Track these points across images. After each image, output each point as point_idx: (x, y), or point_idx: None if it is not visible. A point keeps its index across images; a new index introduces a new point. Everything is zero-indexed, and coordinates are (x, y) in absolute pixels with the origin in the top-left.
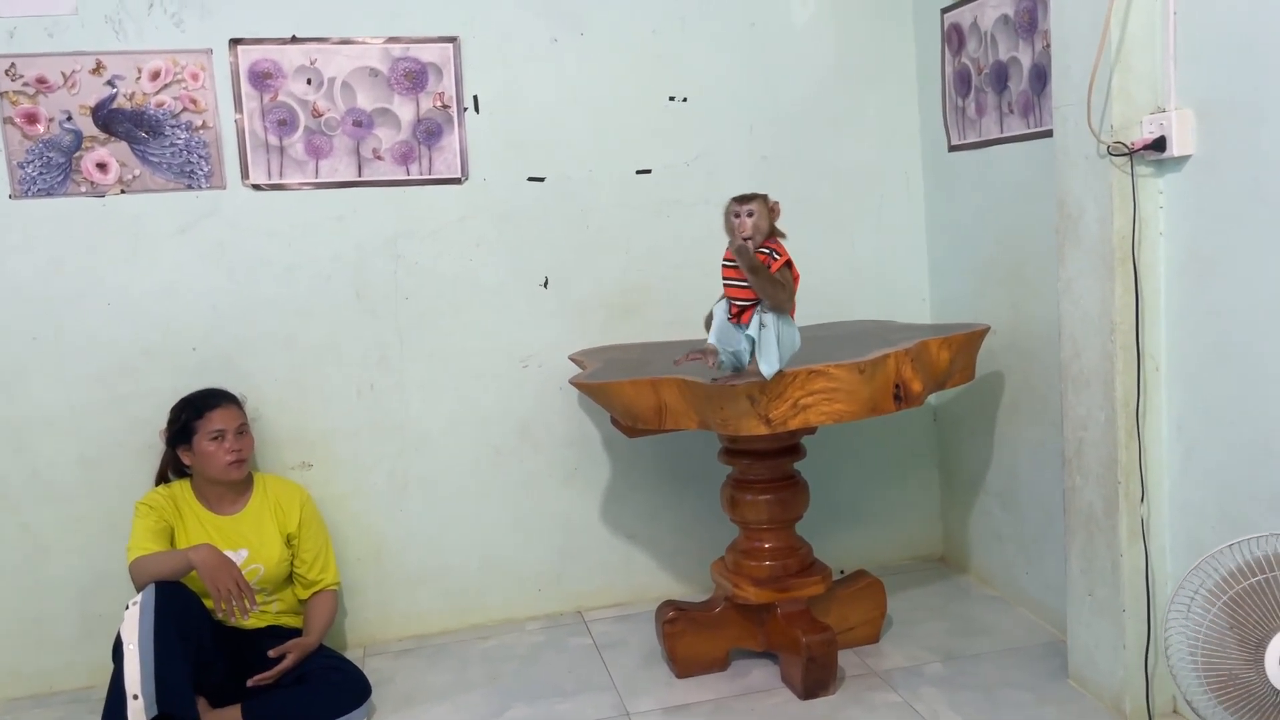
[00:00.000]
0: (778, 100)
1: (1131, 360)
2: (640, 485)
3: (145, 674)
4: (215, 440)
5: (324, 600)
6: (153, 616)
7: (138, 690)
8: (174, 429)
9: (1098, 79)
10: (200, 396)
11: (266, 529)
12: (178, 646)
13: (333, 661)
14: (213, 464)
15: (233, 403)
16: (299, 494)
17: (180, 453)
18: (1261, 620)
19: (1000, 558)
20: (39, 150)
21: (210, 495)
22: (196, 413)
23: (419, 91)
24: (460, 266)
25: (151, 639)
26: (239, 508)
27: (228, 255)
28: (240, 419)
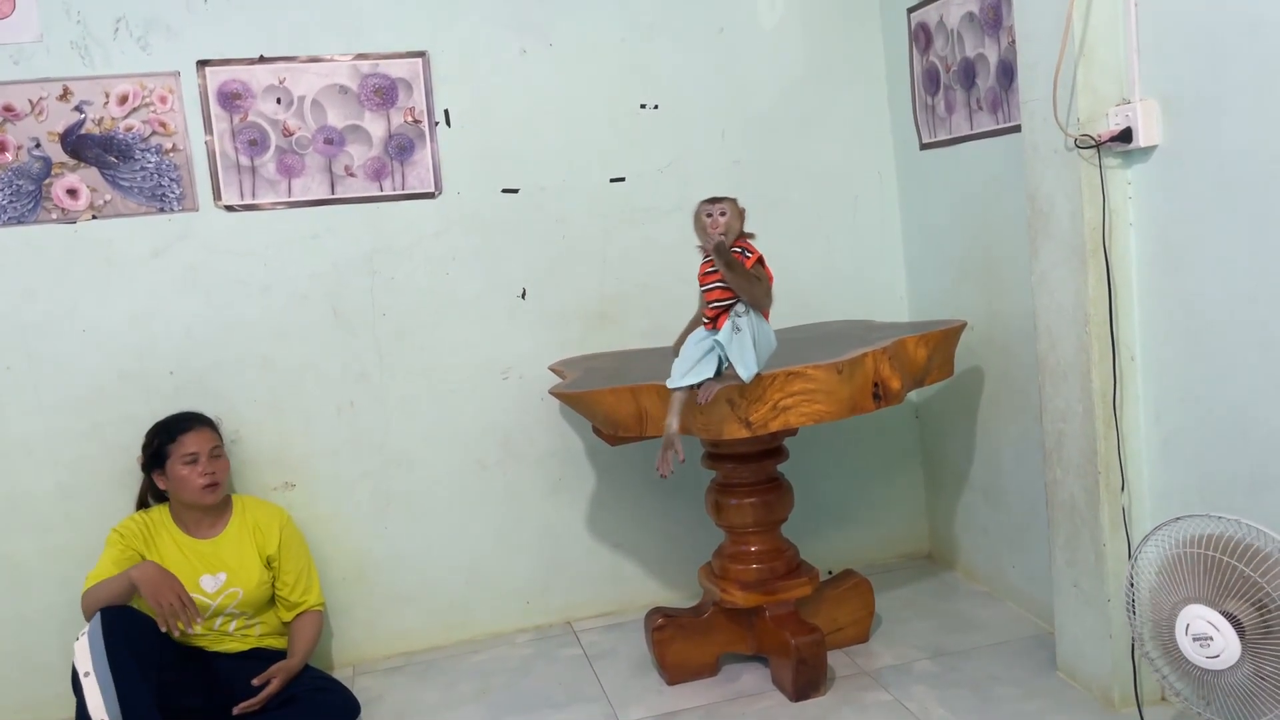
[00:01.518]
0: (749, 104)
1: (1107, 351)
2: (625, 493)
3: (108, 698)
4: (189, 464)
5: (308, 622)
6: (103, 642)
7: (103, 715)
8: (148, 454)
9: (1062, 73)
10: (173, 420)
11: (246, 552)
12: (134, 667)
13: (320, 682)
14: (187, 488)
15: (206, 425)
16: (279, 515)
17: (155, 477)
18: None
19: (986, 552)
20: (8, 178)
21: (188, 519)
22: (169, 437)
23: (389, 107)
24: (437, 280)
25: (106, 664)
26: (217, 531)
27: (202, 277)
28: (214, 441)
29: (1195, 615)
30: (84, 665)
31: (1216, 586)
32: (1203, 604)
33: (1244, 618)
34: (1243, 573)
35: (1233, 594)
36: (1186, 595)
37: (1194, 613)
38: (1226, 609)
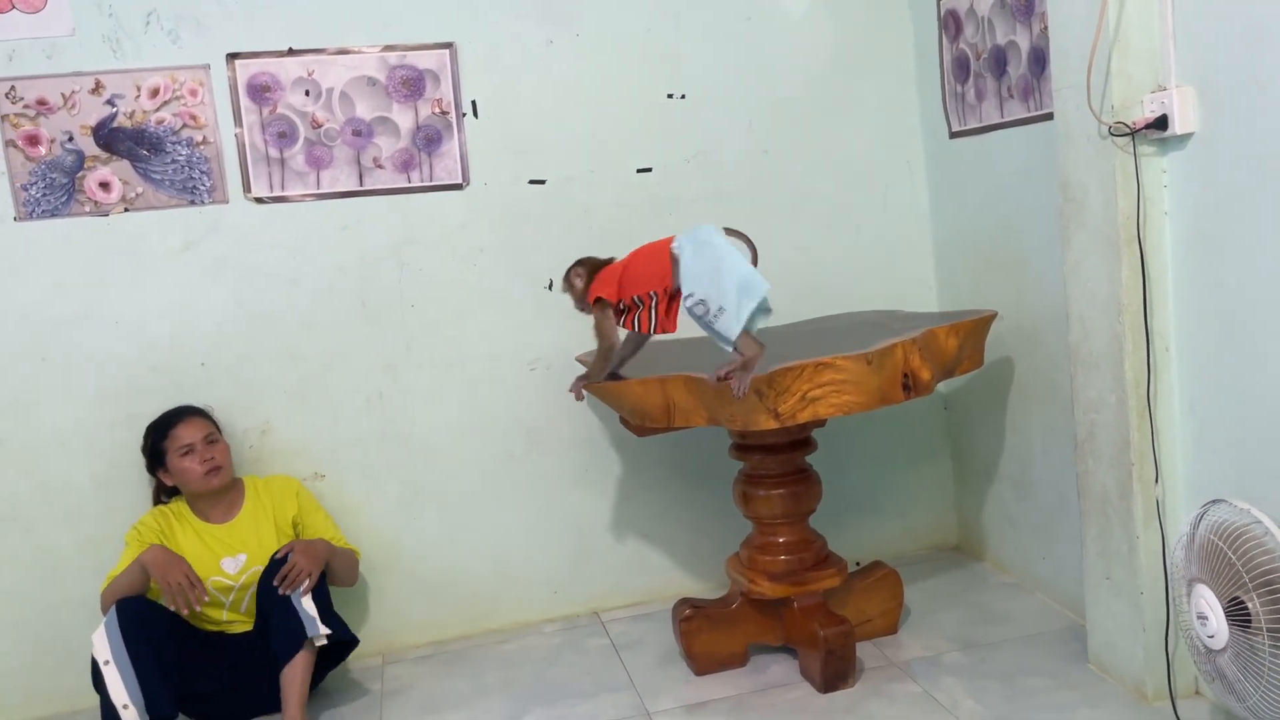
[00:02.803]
0: (776, 93)
1: (1141, 341)
2: (652, 484)
3: (129, 684)
4: (186, 455)
5: (348, 550)
6: (119, 631)
7: (126, 700)
8: (147, 454)
9: (1097, 59)
10: (162, 417)
11: (263, 530)
12: (152, 653)
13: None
14: (190, 477)
15: (196, 414)
16: (291, 484)
17: (160, 475)
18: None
19: (1016, 544)
20: (41, 172)
21: (204, 507)
22: (161, 433)
23: (417, 99)
24: (464, 272)
25: (125, 651)
26: (233, 514)
27: (232, 269)
28: (207, 429)
29: (1199, 595)
30: (103, 655)
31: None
32: (1203, 584)
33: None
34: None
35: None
36: (1195, 575)
37: (1199, 592)
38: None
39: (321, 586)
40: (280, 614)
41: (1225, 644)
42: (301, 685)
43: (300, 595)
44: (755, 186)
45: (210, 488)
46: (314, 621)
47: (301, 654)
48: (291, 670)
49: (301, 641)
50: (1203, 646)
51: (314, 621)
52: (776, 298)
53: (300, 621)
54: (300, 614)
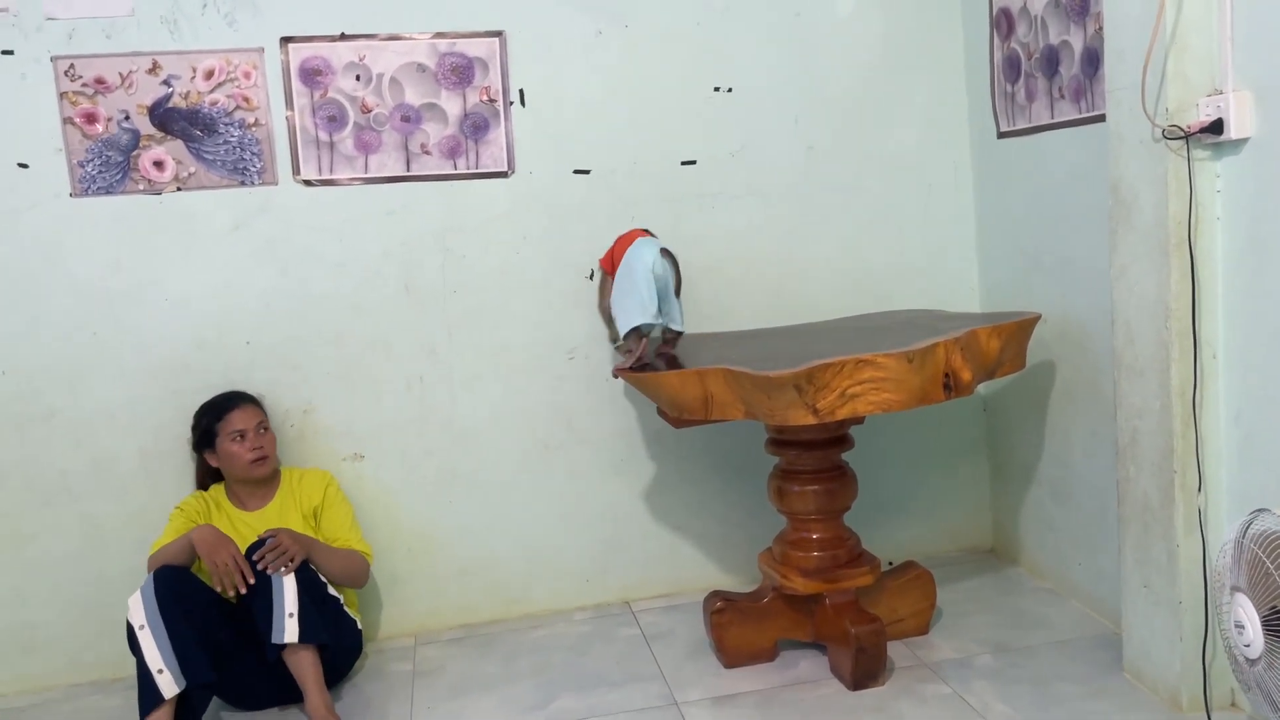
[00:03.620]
0: (823, 89)
1: (1188, 347)
2: (686, 476)
3: (163, 649)
4: (236, 440)
5: (351, 551)
6: (154, 598)
7: (161, 665)
8: (197, 435)
9: (1152, 61)
10: (219, 400)
11: (291, 519)
12: (185, 619)
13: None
14: (237, 463)
15: (250, 402)
16: (323, 478)
17: (206, 456)
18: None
19: (1052, 549)
20: (98, 149)
21: (241, 493)
22: (216, 416)
23: (466, 86)
24: (507, 259)
25: (159, 617)
26: (265, 502)
27: (280, 251)
28: (259, 417)
29: (1238, 604)
30: (138, 619)
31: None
32: (1243, 593)
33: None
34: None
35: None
36: (1236, 583)
37: (1238, 601)
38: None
39: (317, 584)
40: (263, 609)
41: (1261, 653)
42: (314, 671)
43: (283, 578)
44: (799, 183)
45: (254, 475)
46: (285, 625)
47: (292, 648)
48: (294, 659)
49: (277, 646)
50: (1240, 656)
51: (285, 625)
52: (817, 292)
53: (271, 624)
54: (275, 612)
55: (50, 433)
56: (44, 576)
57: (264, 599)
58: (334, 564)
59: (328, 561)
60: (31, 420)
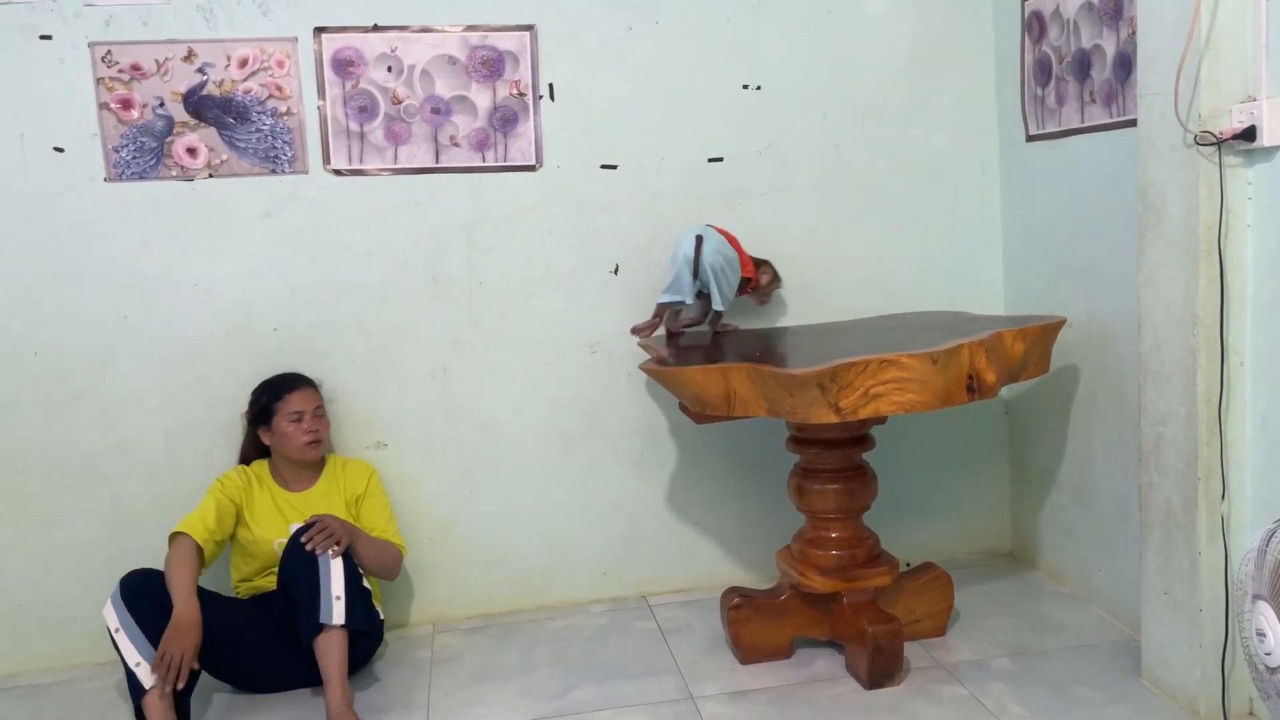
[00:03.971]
0: (852, 88)
1: (1215, 354)
2: (707, 472)
3: (138, 644)
4: (294, 421)
5: (390, 544)
6: (122, 601)
7: (138, 659)
8: (255, 410)
9: (1186, 67)
10: (280, 380)
11: (334, 505)
12: (154, 613)
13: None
14: (291, 444)
15: (310, 386)
16: (367, 468)
17: (260, 433)
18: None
19: (1072, 554)
20: (132, 135)
21: (286, 473)
22: (276, 395)
23: (496, 79)
24: (533, 253)
25: (130, 617)
26: (310, 485)
27: (309, 239)
28: (317, 401)
29: (1260, 612)
30: (113, 624)
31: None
32: (1265, 601)
33: None
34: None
35: None
36: (1258, 591)
37: (1260, 609)
38: None
39: (355, 574)
40: (306, 590)
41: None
42: (340, 660)
43: (330, 561)
44: (826, 181)
45: (306, 458)
46: (333, 607)
47: (329, 633)
48: (325, 647)
49: (319, 626)
50: (1260, 664)
51: (333, 607)
52: (841, 291)
53: (318, 605)
54: (323, 593)
55: (79, 414)
56: (69, 556)
57: (309, 581)
58: (372, 554)
59: (367, 551)
60: (61, 401)
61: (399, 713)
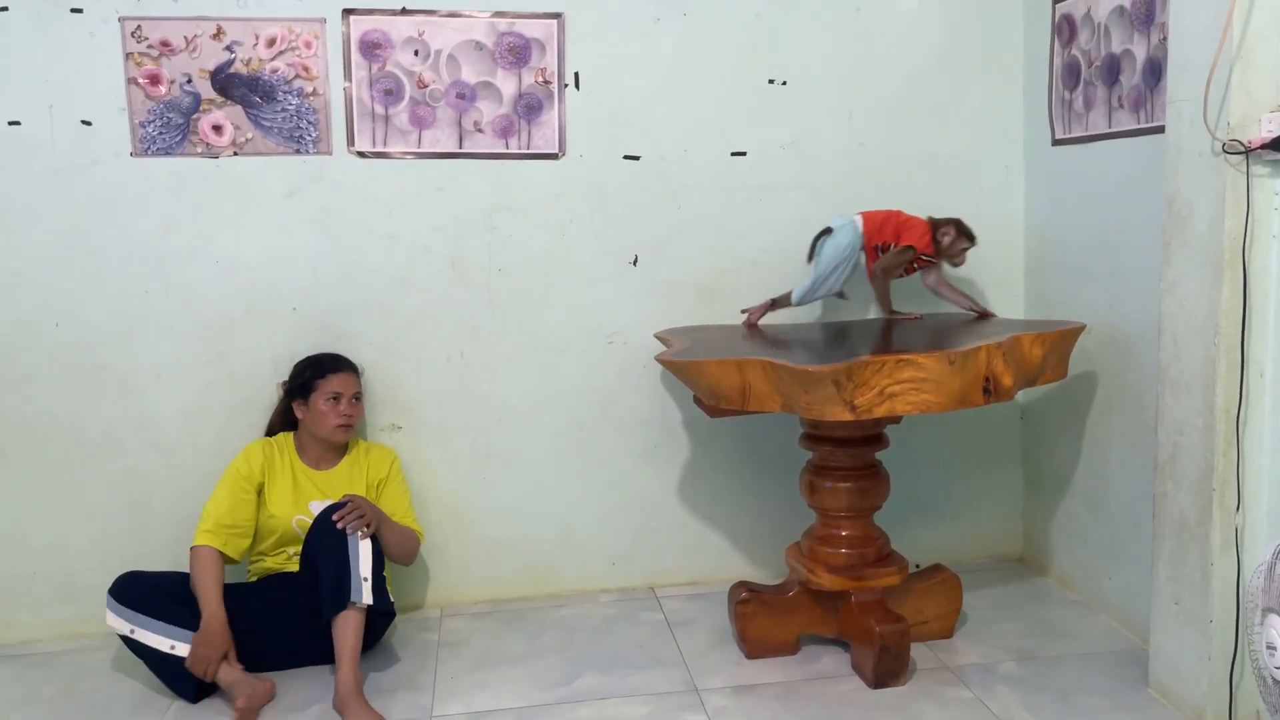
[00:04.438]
0: (879, 87)
1: (1235, 365)
2: (719, 466)
3: (164, 630)
4: (331, 402)
5: (411, 530)
6: (123, 606)
7: (170, 642)
8: (296, 383)
9: (1216, 74)
10: (328, 358)
11: (355, 485)
12: (160, 600)
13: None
14: (323, 423)
15: (354, 371)
16: (390, 454)
17: (295, 405)
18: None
19: (1083, 561)
20: (159, 110)
21: (311, 451)
22: (320, 372)
23: (522, 66)
24: (553, 241)
25: (139, 613)
26: (332, 464)
27: (331, 220)
28: (357, 388)
29: (1271, 625)
30: (124, 628)
31: None
32: (1276, 614)
33: None
34: None
35: None
36: (1270, 605)
37: (1271, 623)
38: None
39: (380, 557)
40: (333, 568)
41: None
42: (355, 641)
43: (359, 541)
44: (849, 179)
45: (334, 440)
46: (362, 587)
47: (350, 612)
48: (343, 627)
49: (346, 602)
50: (1270, 678)
51: (362, 587)
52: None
53: (348, 583)
54: (352, 573)
55: (99, 386)
56: (86, 527)
57: (338, 559)
58: (396, 539)
59: (392, 536)
60: (82, 374)
61: (404, 694)
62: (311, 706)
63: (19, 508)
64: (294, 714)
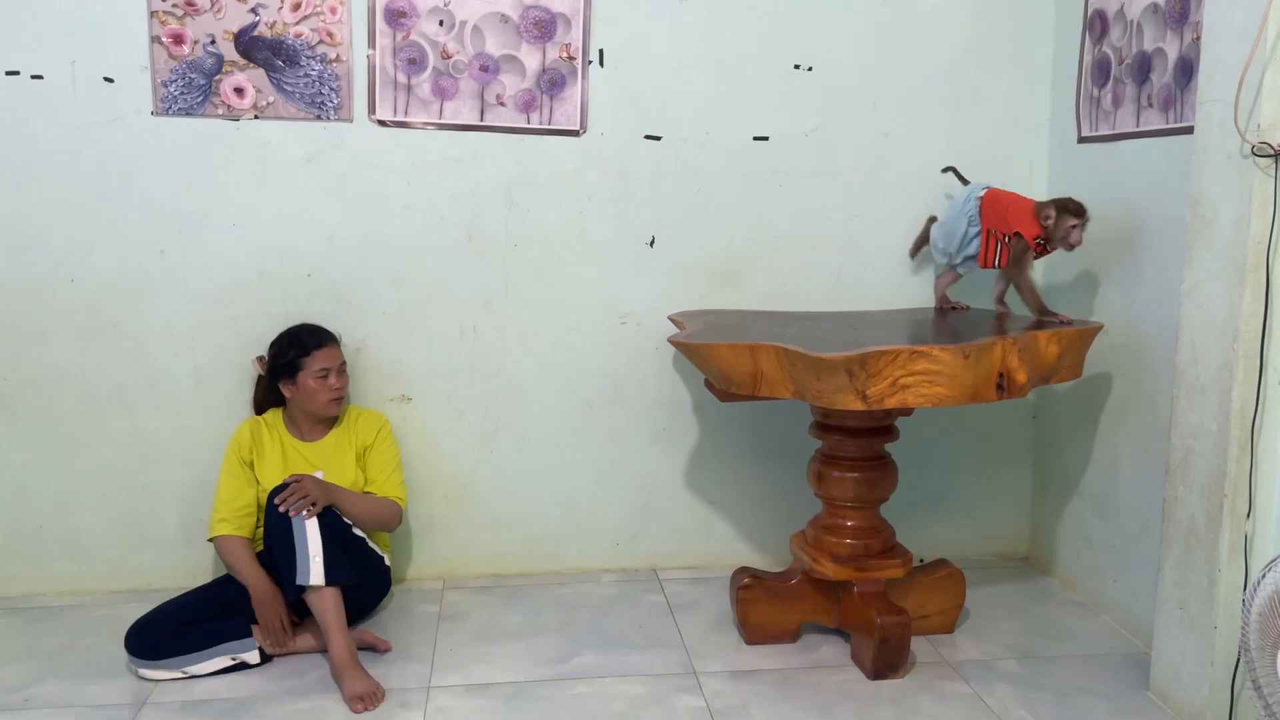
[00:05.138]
0: (905, 77)
1: (1253, 371)
2: (726, 452)
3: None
4: (320, 378)
5: (381, 498)
6: (161, 654)
7: (230, 656)
8: (280, 363)
9: (1249, 75)
10: (307, 334)
11: (344, 454)
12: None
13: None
14: (315, 400)
15: (335, 342)
16: (378, 421)
17: (282, 385)
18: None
19: (1088, 563)
20: (182, 71)
21: (302, 424)
22: (304, 350)
23: (546, 41)
24: (570, 218)
25: (185, 655)
26: (321, 435)
27: (349, 188)
28: (342, 358)
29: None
30: (171, 674)
31: None
32: None
33: None
34: None
35: None
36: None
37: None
38: None
39: (337, 529)
40: (282, 551)
41: None
42: (335, 613)
43: (304, 521)
44: (870, 168)
45: (329, 414)
46: (309, 567)
47: (318, 590)
48: (319, 603)
49: (297, 588)
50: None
51: (309, 567)
52: (877, 281)
53: (295, 565)
54: (298, 554)
55: (111, 345)
56: (93, 484)
57: (285, 542)
58: (361, 510)
59: (354, 508)
60: (95, 331)
61: (402, 664)
62: (310, 672)
63: (28, 461)
64: (294, 679)
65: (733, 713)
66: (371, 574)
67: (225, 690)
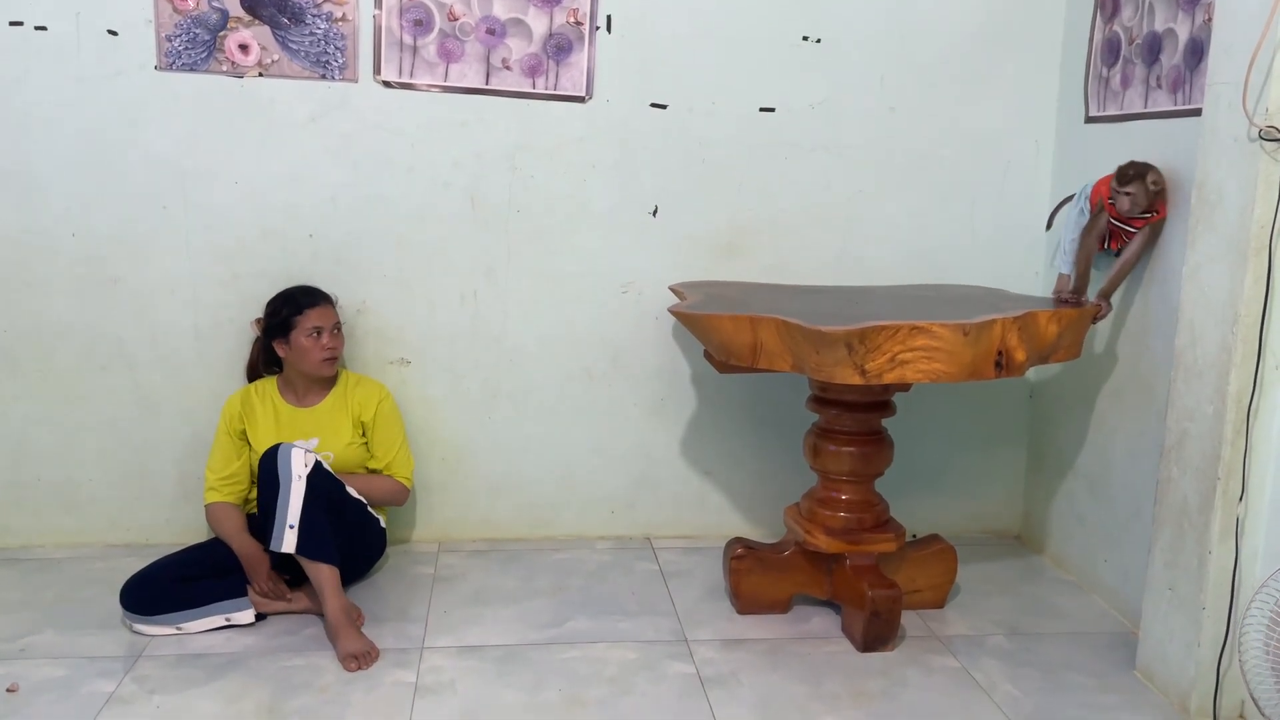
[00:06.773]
0: (914, 52)
1: (1251, 354)
2: (723, 423)
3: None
4: (312, 337)
5: (386, 479)
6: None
7: (224, 615)
8: (273, 321)
9: (1260, 57)
10: (300, 293)
11: (339, 419)
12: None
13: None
14: (308, 359)
15: (329, 302)
16: (379, 390)
17: (276, 344)
18: None
19: (1080, 542)
20: (186, 25)
21: (297, 388)
22: (297, 309)
23: (554, 5)
24: (574, 186)
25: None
26: (317, 401)
27: (352, 149)
28: (336, 318)
29: None
30: (166, 630)
31: None
32: None
33: None
34: None
35: None
36: None
37: None
38: None
39: (333, 489)
40: (266, 511)
41: None
42: (327, 574)
43: (292, 487)
44: (876, 143)
45: (322, 374)
46: (284, 535)
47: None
48: (314, 571)
49: (272, 551)
50: None
51: (284, 535)
52: (880, 256)
53: (271, 530)
54: (277, 520)
55: (112, 300)
56: (92, 437)
57: (268, 505)
58: (366, 493)
59: (361, 492)
60: (96, 285)
61: (396, 624)
62: (303, 630)
63: (27, 413)
64: (287, 636)
65: (722, 681)
66: (368, 535)
67: (220, 645)
